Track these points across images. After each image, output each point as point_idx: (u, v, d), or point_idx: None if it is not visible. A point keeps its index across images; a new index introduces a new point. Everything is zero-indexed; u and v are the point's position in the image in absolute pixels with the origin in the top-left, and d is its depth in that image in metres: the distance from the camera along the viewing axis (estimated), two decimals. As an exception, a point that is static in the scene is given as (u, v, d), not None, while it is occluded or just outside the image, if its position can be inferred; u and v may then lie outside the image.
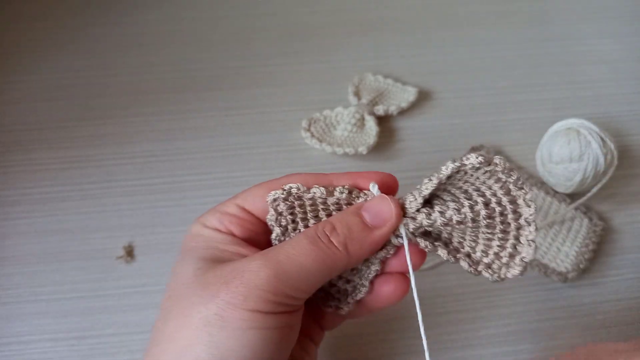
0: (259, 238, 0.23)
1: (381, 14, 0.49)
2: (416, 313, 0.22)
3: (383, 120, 0.41)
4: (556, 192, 0.37)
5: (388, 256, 0.23)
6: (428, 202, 0.22)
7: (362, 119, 0.40)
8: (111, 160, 0.39)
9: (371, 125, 0.39)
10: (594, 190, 0.35)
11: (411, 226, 0.21)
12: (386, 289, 0.23)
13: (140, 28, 0.47)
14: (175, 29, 0.47)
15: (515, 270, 0.21)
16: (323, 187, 0.21)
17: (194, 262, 0.21)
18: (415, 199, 0.21)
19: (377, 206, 0.21)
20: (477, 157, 0.20)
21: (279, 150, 0.40)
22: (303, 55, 0.46)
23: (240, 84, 0.43)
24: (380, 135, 0.39)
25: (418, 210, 0.21)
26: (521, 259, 0.21)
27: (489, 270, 0.21)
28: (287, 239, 0.22)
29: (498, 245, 0.21)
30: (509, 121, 0.42)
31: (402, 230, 0.21)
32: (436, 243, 0.22)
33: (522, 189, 0.20)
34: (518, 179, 0.20)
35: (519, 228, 0.21)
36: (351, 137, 0.39)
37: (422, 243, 0.22)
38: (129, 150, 0.39)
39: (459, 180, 0.22)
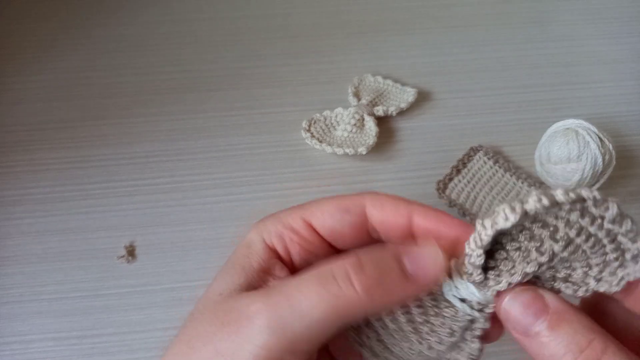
0: (318, 261, 0.19)
1: (381, 15, 0.50)
2: None
3: (382, 121, 0.41)
4: (555, 192, 0.37)
5: (479, 331, 0.18)
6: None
7: (362, 119, 0.40)
8: (112, 161, 0.39)
9: (371, 126, 0.39)
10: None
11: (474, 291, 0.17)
12: None
13: (141, 29, 0.48)
14: (176, 30, 0.48)
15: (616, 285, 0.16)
16: None
17: (225, 280, 0.19)
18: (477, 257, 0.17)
19: (423, 256, 0.17)
20: (540, 201, 0.15)
21: (280, 150, 0.40)
22: (303, 56, 0.46)
23: (241, 85, 0.44)
24: (379, 135, 0.39)
25: (485, 270, 0.17)
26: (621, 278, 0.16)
27: (600, 284, 0.16)
28: None
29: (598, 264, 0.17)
30: (508, 121, 0.42)
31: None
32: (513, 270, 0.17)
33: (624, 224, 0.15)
34: (619, 214, 0.15)
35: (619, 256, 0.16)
36: (351, 137, 0.39)
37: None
38: (130, 151, 0.39)
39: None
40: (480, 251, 0.17)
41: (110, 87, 0.43)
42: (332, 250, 0.20)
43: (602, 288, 0.16)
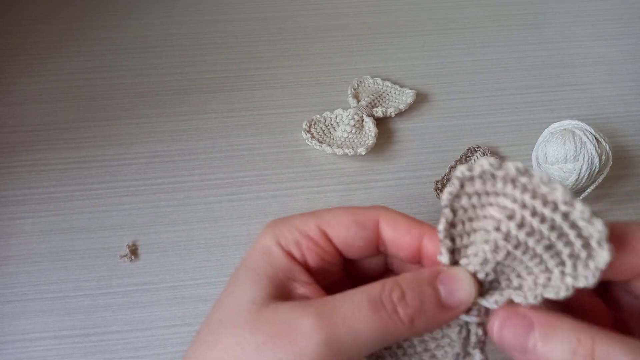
0: (330, 269, 0.21)
1: (380, 18, 0.50)
2: None
3: (381, 122, 0.42)
4: (552, 191, 0.37)
5: (476, 342, 0.19)
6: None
7: (361, 120, 0.41)
8: (115, 161, 0.39)
9: (370, 127, 0.40)
10: (589, 190, 0.36)
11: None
12: None
13: (143, 31, 0.48)
14: (178, 32, 0.48)
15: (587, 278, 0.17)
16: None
17: (253, 289, 0.19)
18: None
19: (456, 283, 0.18)
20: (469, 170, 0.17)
21: (280, 151, 0.40)
22: (303, 58, 0.46)
23: (241, 86, 0.44)
24: (378, 136, 0.40)
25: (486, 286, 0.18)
26: (595, 268, 0.17)
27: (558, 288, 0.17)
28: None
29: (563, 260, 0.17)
30: (505, 122, 0.42)
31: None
32: (504, 292, 0.18)
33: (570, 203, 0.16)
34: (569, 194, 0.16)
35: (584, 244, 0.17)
36: (350, 138, 0.40)
37: (491, 301, 0.18)
38: (132, 151, 0.40)
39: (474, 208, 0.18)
40: (444, 224, 0.18)
41: (113, 88, 0.44)
42: (342, 258, 0.21)
43: (549, 294, 0.17)
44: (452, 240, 0.19)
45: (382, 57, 0.47)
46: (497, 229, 0.17)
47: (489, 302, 0.18)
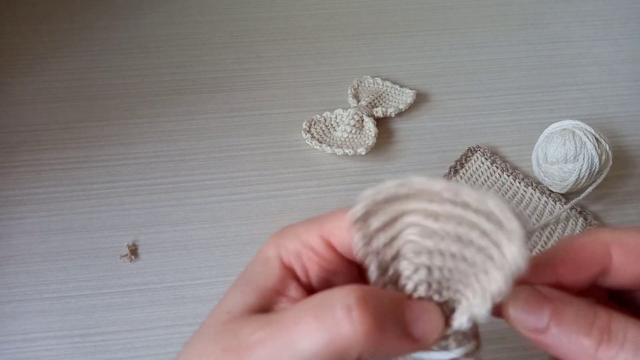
0: (335, 280, 0.19)
1: (380, 18, 0.50)
2: None
3: (381, 122, 0.42)
4: (551, 192, 0.38)
5: None
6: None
7: (361, 120, 0.41)
8: (115, 161, 0.39)
9: (370, 127, 0.40)
10: (589, 190, 0.36)
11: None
12: None
13: (144, 32, 0.48)
14: (178, 32, 0.48)
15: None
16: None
17: (237, 299, 0.18)
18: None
19: (423, 311, 0.16)
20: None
21: (280, 151, 0.40)
22: (304, 58, 0.46)
23: (242, 86, 0.44)
24: (378, 136, 0.40)
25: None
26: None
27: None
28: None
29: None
30: (505, 122, 0.42)
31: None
32: (463, 310, 0.16)
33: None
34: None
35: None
36: (350, 138, 0.40)
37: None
38: (132, 151, 0.40)
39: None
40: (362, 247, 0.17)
41: (113, 88, 0.44)
42: (352, 266, 0.20)
43: (495, 293, 0.15)
44: (394, 282, 0.17)
45: (382, 57, 0.47)
46: (408, 249, 0.17)
47: (455, 324, 0.16)
